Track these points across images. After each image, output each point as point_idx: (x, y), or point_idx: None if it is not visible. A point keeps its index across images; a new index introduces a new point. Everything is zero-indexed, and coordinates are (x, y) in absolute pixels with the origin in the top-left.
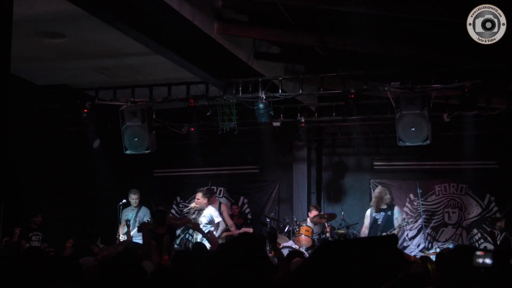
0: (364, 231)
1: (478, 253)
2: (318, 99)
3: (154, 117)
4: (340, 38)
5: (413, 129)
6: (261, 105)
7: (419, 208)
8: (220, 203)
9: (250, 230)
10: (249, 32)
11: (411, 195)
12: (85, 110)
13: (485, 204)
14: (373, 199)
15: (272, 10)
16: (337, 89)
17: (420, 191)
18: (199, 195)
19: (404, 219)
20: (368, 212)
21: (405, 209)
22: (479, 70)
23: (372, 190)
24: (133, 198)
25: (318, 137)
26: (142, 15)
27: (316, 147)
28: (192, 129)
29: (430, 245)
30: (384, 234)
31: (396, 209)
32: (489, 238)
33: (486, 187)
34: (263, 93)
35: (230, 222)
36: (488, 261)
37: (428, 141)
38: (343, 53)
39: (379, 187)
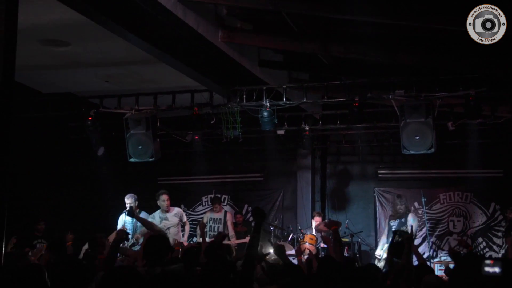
0: (383, 239)
1: (487, 261)
2: (322, 107)
3: (158, 125)
4: (344, 46)
5: (418, 137)
6: (265, 113)
7: (423, 217)
8: (225, 212)
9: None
10: (254, 40)
11: (416, 204)
12: (90, 118)
13: (490, 212)
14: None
15: (277, 19)
16: (341, 97)
17: (425, 199)
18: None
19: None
20: (388, 220)
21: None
22: (484, 79)
23: (376, 198)
24: (128, 202)
25: (323, 145)
26: (146, 23)
27: (321, 155)
28: (196, 137)
29: (435, 253)
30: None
31: (410, 217)
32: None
33: (491, 196)
34: (267, 101)
35: (232, 232)
36: (497, 270)
37: (433, 149)
38: (347, 61)
39: (394, 195)
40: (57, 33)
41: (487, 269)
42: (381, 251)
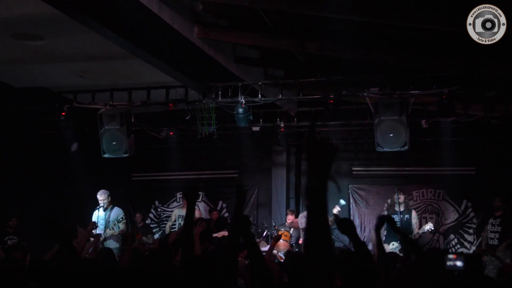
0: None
1: (450, 256)
2: (297, 104)
3: (133, 120)
4: (319, 43)
5: (392, 134)
6: (240, 110)
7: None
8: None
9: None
10: (229, 36)
11: (389, 200)
12: (63, 113)
13: (462, 209)
14: (387, 206)
15: (252, 15)
16: (317, 94)
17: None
18: None
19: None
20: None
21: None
22: (456, 77)
23: (351, 195)
24: (100, 199)
25: (298, 142)
26: (121, 18)
27: (295, 152)
28: (171, 133)
29: None
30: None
31: (414, 214)
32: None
33: (463, 193)
34: (242, 98)
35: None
36: (459, 264)
37: (406, 147)
38: (322, 58)
39: (396, 196)
40: (30, 27)
41: (449, 263)
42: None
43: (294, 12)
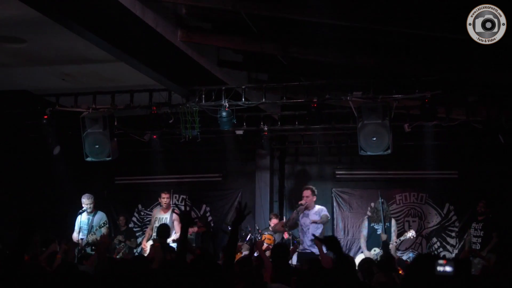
0: (362, 241)
1: (440, 261)
2: (281, 108)
3: (116, 124)
4: (303, 47)
5: (375, 138)
6: (224, 113)
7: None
8: (173, 209)
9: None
10: (213, 40)
11: (372, 204)
12: (45, 116)
13: (444, 213)
14: (370, 210)
15: (236, 19)
16: (300, 98)
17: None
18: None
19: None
20: (366, 222)
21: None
22: (439, 82)
23: (334, 198)
24: (86, 203)
25: (281, 145)
26: (104, 21)
27: (279, 156)
28: (154, 136)
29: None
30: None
31: (393, 222)
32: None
33: (445, 197)
34: (226, 101)
35: (178, 230)
36: (449, 269)
37: (389, 151)
38: (306, 62)
39: (379, 200)
40: (12, 29)
41: (440, 268)
42: (373, 252)
43: (277, 16)
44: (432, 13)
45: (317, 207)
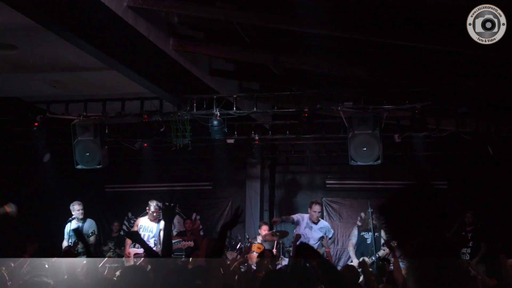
0: (351, 249)
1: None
2: (272, 117)
3: (106, 131)
4: (295, 57)
5: (365, 148)
6: (215, 122)
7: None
8: (159, 221)
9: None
10: (205, 49)
11: (362, 214)
12: (36, 124)
13: None
14: (360, 220)
15: (228, 28)
16: (291, 107)
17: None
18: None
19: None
20: (355, 231)
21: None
22: (429, 93)
23: (324, 208)
24: (76, 210)
25: (272, 154)
26: (96, 29)
27: (270, 165)
28: (145, 144)
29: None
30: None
31: (383, 233)
32: None
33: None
34: (217, 110)
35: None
36: None
37: (379, 161)
38: (297, 72)
39: (369, 210)
40: (4, 36)
41: None
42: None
43: (269, 26)
44: (424, 25)
45: (322, 222)
